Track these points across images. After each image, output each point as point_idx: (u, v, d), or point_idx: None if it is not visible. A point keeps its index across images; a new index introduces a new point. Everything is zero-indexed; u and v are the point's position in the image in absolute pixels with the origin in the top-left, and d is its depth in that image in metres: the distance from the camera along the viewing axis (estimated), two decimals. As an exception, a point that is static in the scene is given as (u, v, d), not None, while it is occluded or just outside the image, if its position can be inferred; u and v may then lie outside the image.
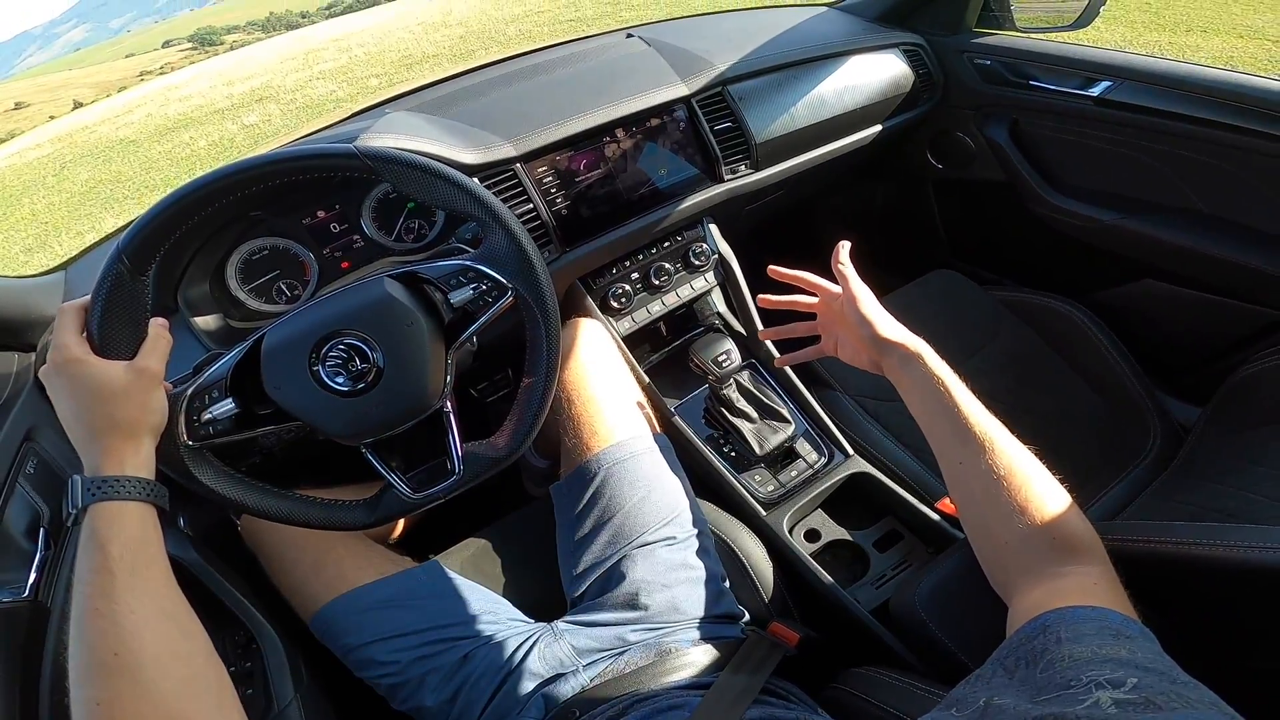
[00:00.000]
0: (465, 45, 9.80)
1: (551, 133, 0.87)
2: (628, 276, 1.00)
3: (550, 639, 0.67)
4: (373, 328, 0.57)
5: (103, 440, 0.48)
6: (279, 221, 0.79)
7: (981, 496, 0.55)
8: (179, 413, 0.54)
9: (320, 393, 0.56)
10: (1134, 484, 0.92)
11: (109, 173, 8.11)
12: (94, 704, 0.41)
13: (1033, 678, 0.37)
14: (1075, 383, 1.07)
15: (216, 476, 0.56)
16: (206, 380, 0.55)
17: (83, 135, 11.93)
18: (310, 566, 0.73)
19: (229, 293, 0.78)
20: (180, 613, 0.47)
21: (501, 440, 0.62)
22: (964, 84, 1.19)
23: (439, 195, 0.58)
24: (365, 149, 0.56)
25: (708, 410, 0.95)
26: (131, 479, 0.48)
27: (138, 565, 0.46)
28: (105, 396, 0.49)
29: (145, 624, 0.44)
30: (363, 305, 0.57)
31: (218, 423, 0.55)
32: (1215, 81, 0.89)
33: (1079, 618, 0.40)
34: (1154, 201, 1.04)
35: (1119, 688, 0.33)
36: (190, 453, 0.55)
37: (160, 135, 9.31)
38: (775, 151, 1.03)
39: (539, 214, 0.86)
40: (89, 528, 0.45)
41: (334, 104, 8.22)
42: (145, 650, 0.43)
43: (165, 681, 0.42)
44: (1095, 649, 0.37)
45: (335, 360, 0.56)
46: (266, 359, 0.56)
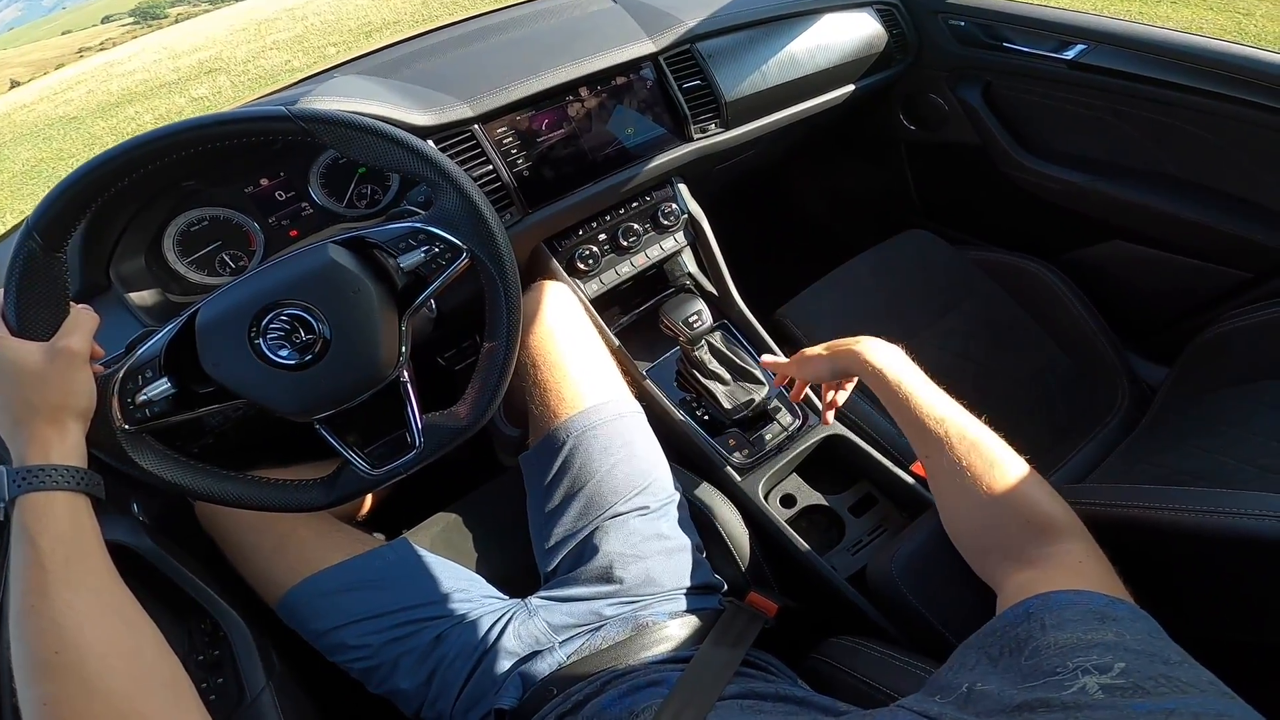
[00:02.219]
0: (428, 9, 9.40)
1: (511, 92, 0.83)
2: (595, 238, 0.97)
3: (525, 616, 0.66)
4: (316, 297, 0.53)
5: (26, 428, 0.46)
6: (218, 191, 0.75)
7: (951, 488, 0.55)
8: (111, 395, 0.50)
9: (263, 368, 0.53)
10: (1102, 444, 0.94)
11: (50, 151, 7.69)
12: (41, 703, 0.40)
13: (1017, 665, 0.37)
14: (1046, 342, 1.08)
15: (158, 461, 0.53)
16: (138, 360, 0.52)
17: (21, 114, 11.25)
18: (271, 550, 0.70)
19: (167, 266, 0.74)
20: (124, 606, 0.45)
21: (463, 410, 0.59)
22: (938, 45, 1.18)
23: (381, 156, 0.55)
24: (298, 110, 0.53)
25: (679, 373, 0.94)
26: (58, 467, 0.45)
27: (72, 558, 0.44)
28: (23, 380, 0.46)
29: (85, 620, 0.42)
30: (304, 273, 0.54)
31: (154, 404, 0.52)
32: (1189, 47, 0.89)
33: (1063, 603, 0.40)
34: (1125, 164, 1.05)
35: (1106, 673, 0.32)
36: (127, 437, 0.52)
37: (104, 111, 8.83)
38: (746, 110, 1.01)
39: (499, 175, 0.82)
40: (18, 522, 0.44)
41: (289, 74, 7.86)
42: (88, 647, 0.41)
43: (113, 679, 0.41)
44: (1081, 635, 0.36)
45: (277, 333, 0.53)
46: (202, 334, 0.52)
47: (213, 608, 0.66)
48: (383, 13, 10.06)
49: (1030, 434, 0.99)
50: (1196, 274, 1.01)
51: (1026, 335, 1.09)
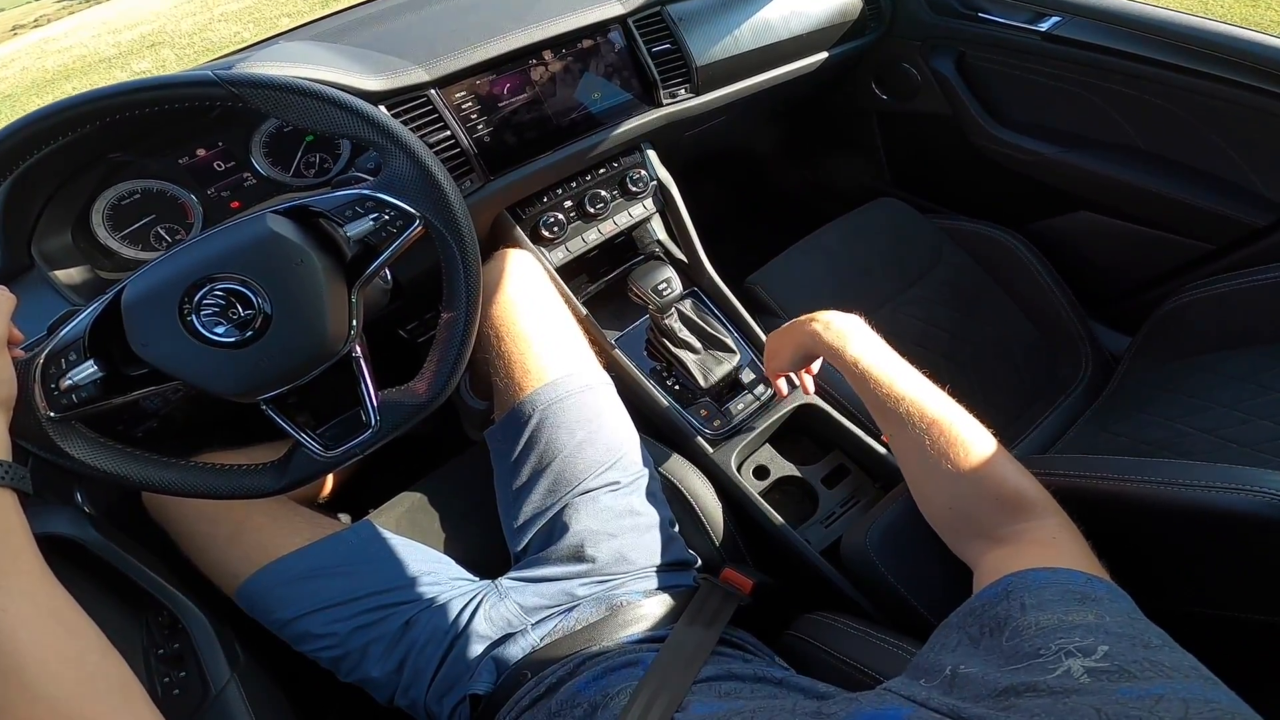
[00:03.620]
0: (388, -17, 9.06)
1: (470, 55, 0.79)
2: (560, 205, 0.94)
3: (496, 598, 0.64)
4: (253, 269, 0.50)
5: None
6: (149, 162, 0.70)
7: (918, 467, 0.54)
8: (33, 380, 0.47)
9: (198, 346, 0.49)
10: (1067, 413, 0.95)
11: (-17, 130, 7.26)
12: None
13: (999, 645, 0.36)
14: (1012, 311, 1.09)
15: (90, 449, 0.50)
16: (61, 342, 0.48)
17: (-52, 91, 10.58)
18: (226, 539, 0.67)
19: (97, 241, 0.69)
20: (61, 609, 0.43)
21: (422, 385, 0.57)
22: (912, 14, 1.16)
23: (321, 120, 0.51)
24: (225, 74, 0.49)
25: (649, 342, 0.92)
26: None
27: (1, 561, 0.41)
28: None
29: (20, 624, 0.39)
30: (239, 245, 0.50)
31: (80, 389, 0.48)
32: (1160, 21, 0.89)
33: (1041, 581, 0.39)
34: (1093, 137, 1.05)
35: (1089, 655, 0.32)
36: (54, 425, 0.48)
37: (38, 88, 8.32)
38: (717, 76, 0.98)
39: (459, 141, 0.79)
40: None
41: (238, 46, 7.52)
42: (27, 654, 0.39)
43: (54, 685, 0.39)
44: (1061, 615, 0.36)
45: (211, 308, 0.50)
46: (128, 313, 0.49)
47: (168, 600, 0.63)
48: (341, -18, 9.66)
49: (997, 401, 1.01)
50: (1159, 245, 1.03)
51: (994, 303, 1.10)
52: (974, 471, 0.51)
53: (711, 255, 1.00)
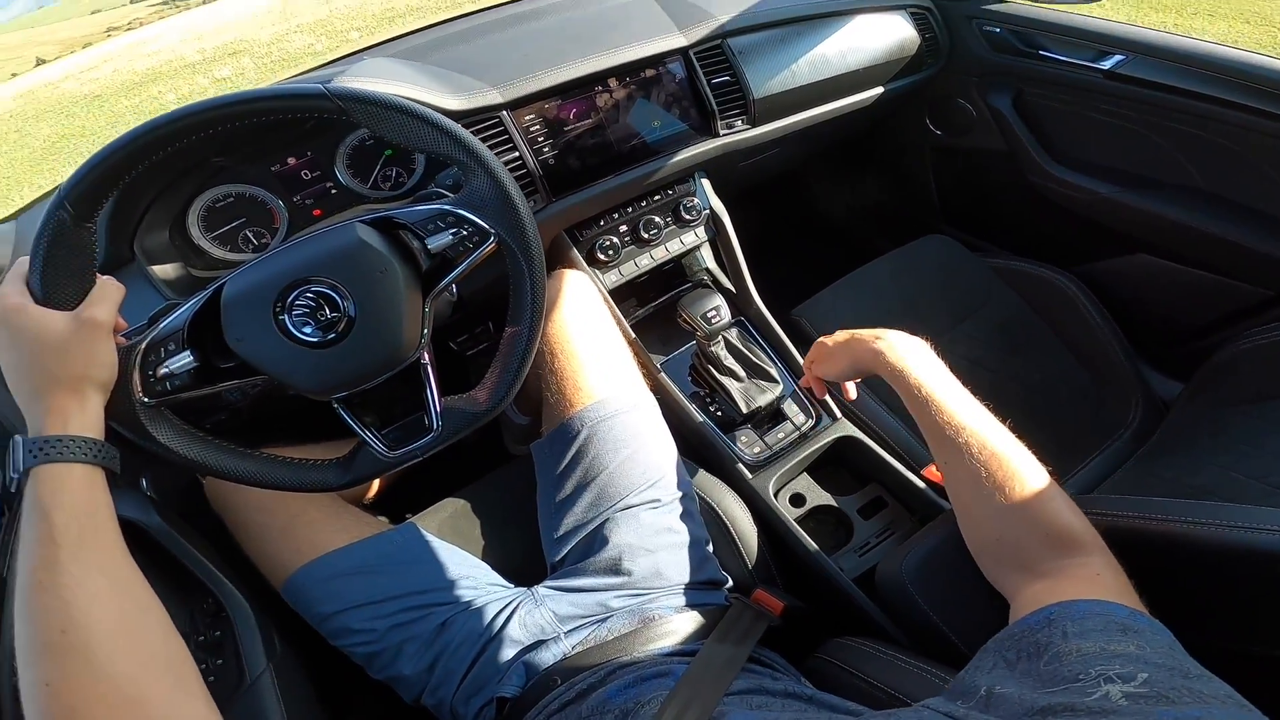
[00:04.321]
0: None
1: (541, 80, 0.83)
2: (616, 229, 0.97)
3: (531, 605, 0.66)
4: (342, 274, 0.53)
5: (46, 397, 0.45)
6: (245, 168, 0.75)
7: (970, 498, 0.54)
8: (132, 367, 0.50)
9: (286, 344, 0.52)
10: (1113, 457, 0.93)
11: (73, 127, 7.77)
12: (43, 685, 0.38)
13: (1036, 669, 0.36)
14: (1061, 353, 1.07)
15: (175, 435, 0.53)
16: (162, 332, 0.51)
17: (46, 91, 11.37)
18: (280, 531, 0.70)
19: (191, 241, 0.74)
20: (134, 586, 0.44)
21: (482, 395, 0.59)
22: (970, 50, 1.16)
23: (415, 137, 0.54)
24: (335, 88, 0.52)
25: (694, 367, 0.93)
26: (76, 439, 0.44)
27: (84, 534, 0.43)
28: (45, 348, 0.45)
29: (94, 599, 0.41)
30: (332, 251, 0.53)
31: (175, 377, 0.51)
32: (1224, 60, 0.88)
33: (1084, 612, 0.39)
34: (1153, 177, 1.03)
35: (1129, 682, 0.32)
36: (146, 410, 0.51)
37: (127, 90, 8.90)
38: (773, 108, 1.00)
39: (525, 163, 0.82)
40: (32, 494, 0.43)
41: (312, 58, 7.90)
42: (96, 627, 0.40)
43: (119, 661, 0.40)
44: (1103, 644, 0.36)
45: (302, 309, 0.53)
46: (227, 308, 0.52)
47: (217, 587, 0.65)
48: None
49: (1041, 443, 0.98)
50: (1217, 290, 1.00)
51: (1043, 345, 1.08)
52: (1027, 506, 0.50)
53: (759, 283, 1.02)
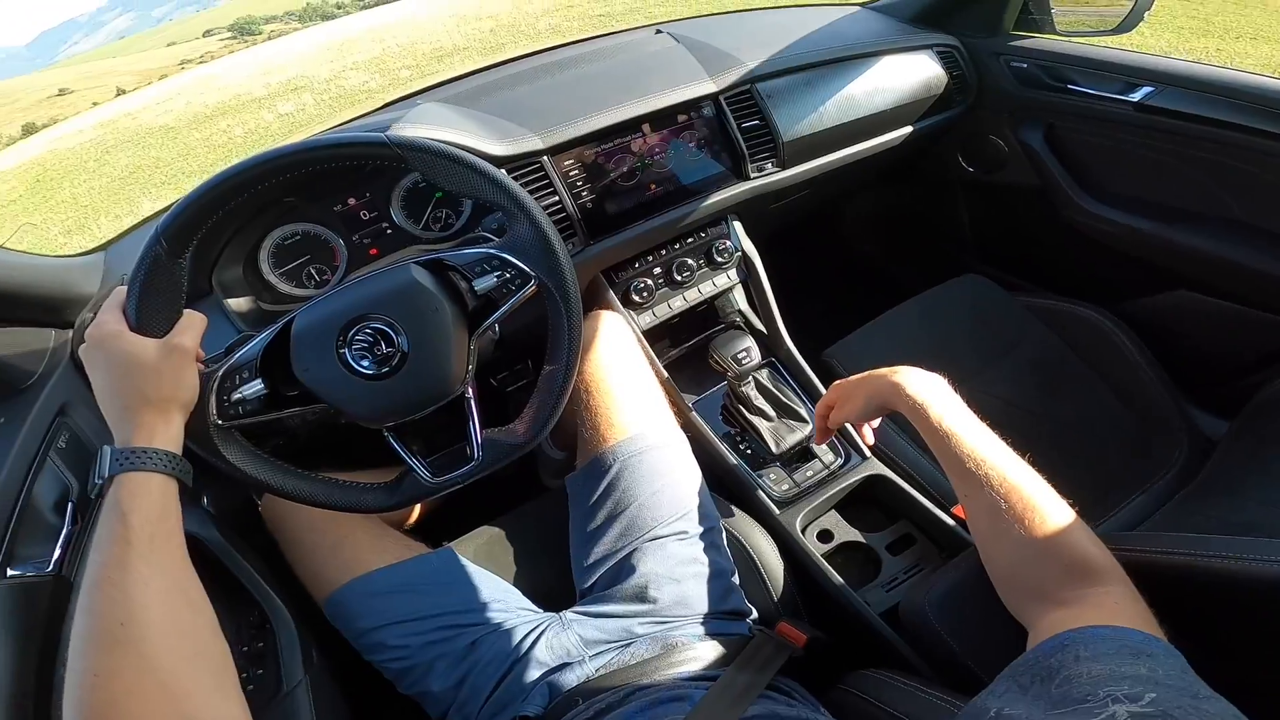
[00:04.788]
0: (496, 39, 9.89)
1: (579, 126, 0.88)
2: (650, 271, 1.00)
3: (558, 629, 0.68)
4: (399, 312, 0.57)
5: (134, 414, 0.50)
6: (311, 208, 0.81)
7: (990, 529, 0.55)
8: (210, 392, 0.54)
9: (346, 375, 0.57)
10: (1156, 496, 0.91)
11: (148, 158, 8.34)
12: (91, 675, 0.40)
13: (1047, 692, 0.37)
14: (1101, 391, 1.05)
15: (244, 456, 0.57)
16: (238, 361, 0.56)
17: (125, 121, 12.26)
18: (328, 549, 0.74)
19: (261, 276, 0.80)
20: (191, 588, 0.47)
21: (521, 428, 0.63)
22: (999, 87, 1.17)
23: (467, 184, 0.59)
24: (396, 138, 0.57)
25: (725, 407, 0.95)
26: (159, 451, 0.49)
27: (156, 537, 0.46)
28: (138, 371, 0.50)
29: (156, 596, 0.44)
30: (390, 290, 0.58)
31: (247, 403, 0.56)
32: (1261, 88, 0.86)
33: (1098, 636, 0.40)
34: (1192, 210, 1.01)
35: (1136, 702, 0.32)
36: (219, 431, 0.56)
37: (199, 123, 9.54)
38: (802, 150, 1.02)
39: (564, 206, 0.87)
40: (113, 497, 0.46)
41: (366, 94, 8.35)
42: (152, 623, 0.42)
43: (168, 656, 0.42)
44: (1114, 666, 0.36)
45: (362, 344, 0.57)
46: (296, 341, 0.57)
47: (265, 601, 0.69)
48: (454, 39, 10.62)
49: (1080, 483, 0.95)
50: (1261, 325, 0.97)
51: (1080, 383, 1.06)
52: (1046, 536, 0.51)
53: (790, 324, 1.03)
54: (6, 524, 0.59)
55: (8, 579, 0.56)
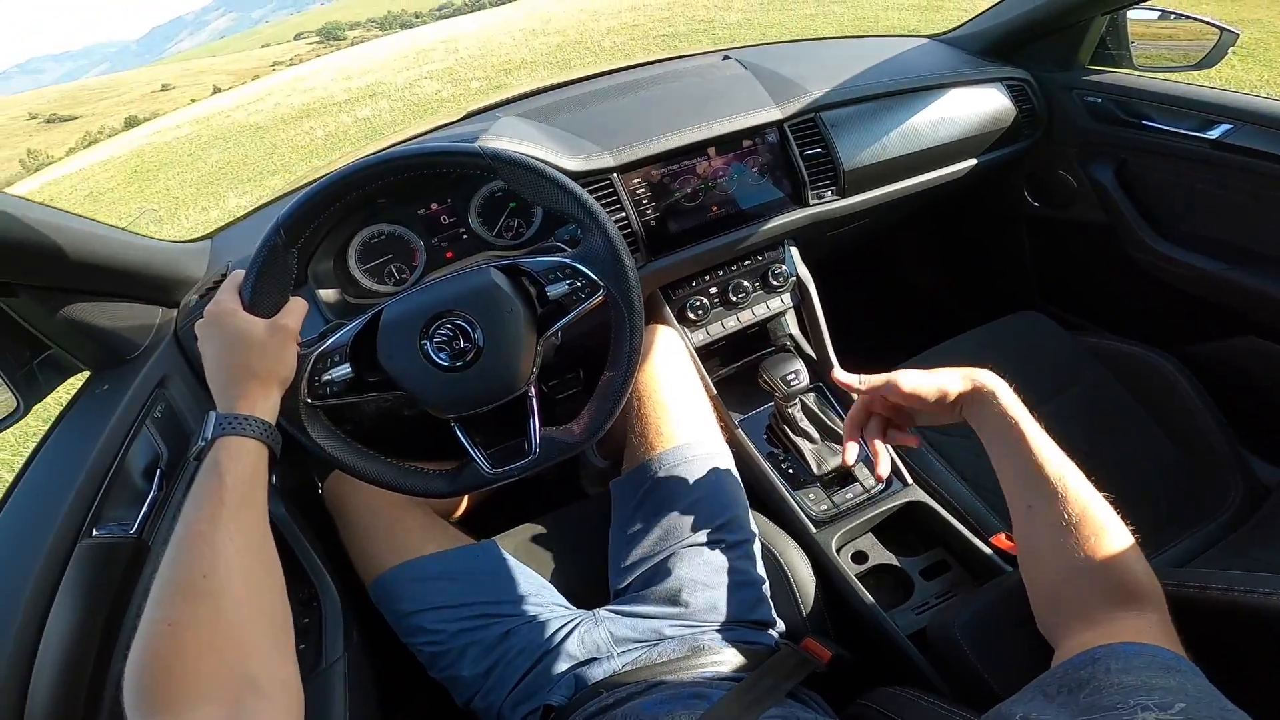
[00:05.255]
0: (562, 54, 10.16)
1: (648, 147, 0.91)
2: (706, 290, 1.02)
3: (590, 625, 0.70)
4: (477, 311, 0.62)
5: (240, 384, 0.54)
6: (398, 210, 0.86)
7: (1048, 544, 0.53)
8: (304, 372, 0.59)
9: (425, 366, 0.61)
10: (1206, 539, 0.87)
11: (236, 155, 8.89)
12: (165, 624, 0.42)
13: (1075, 701, 0.37)
14: (1155, 434, 1.02)
15: (325, 435, 0.62)
16: (331, 345, 0.61)
17: (220, 119, 13.12)
18: (382, 532, 0.78)
19: (348, 270, 0.86)
20: (268, 550, 0.50)
21: (578, 428, 0.66)
22: (1071, 121, 1.15)
23: (547, 196, 0.63)
24: (488, 150, 0.62)
25: (770, 427, 0.97)
26: (258, 420, 0.53)
27: (245, 498, 0.49)
28: (247, 346, 0.55)
29: (239, 553, 0.46)
30: (471, 290, 0.63)
31: (334, 384, 0.61)
32: None
33: (1130, 652, 0.40)
34: (1264, 253, 0.98)
35: (1165, 710, 0.32)
36: (307, 410, 0.61)
37: (285, 124, 10.12)
38: (863, 180, 1.03)
39: (630, 222, 0.90)
40: (212, 458, 0.50)
41: (438, 103, 8.70)
42: (232, 578, 0.45)
43: (240, 610, 0.44)
44: (1145, 679, 0.36)
45: (442, 337, 0.62)
46: (384, 330, 0.62)
47: (317, 578, 0.72)
48: (521, 53, 10.97)
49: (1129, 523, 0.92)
50: None
51: (1135, 425, 1.03)
52: (1104, 557, 0.50)
53: (841, 350, 1.04)
54: (99, 486, 0.63)
55: (93, 539, 0.60)
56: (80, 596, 0.56)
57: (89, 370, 0.77)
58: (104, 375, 0.76)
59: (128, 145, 14.09)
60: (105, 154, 14.01)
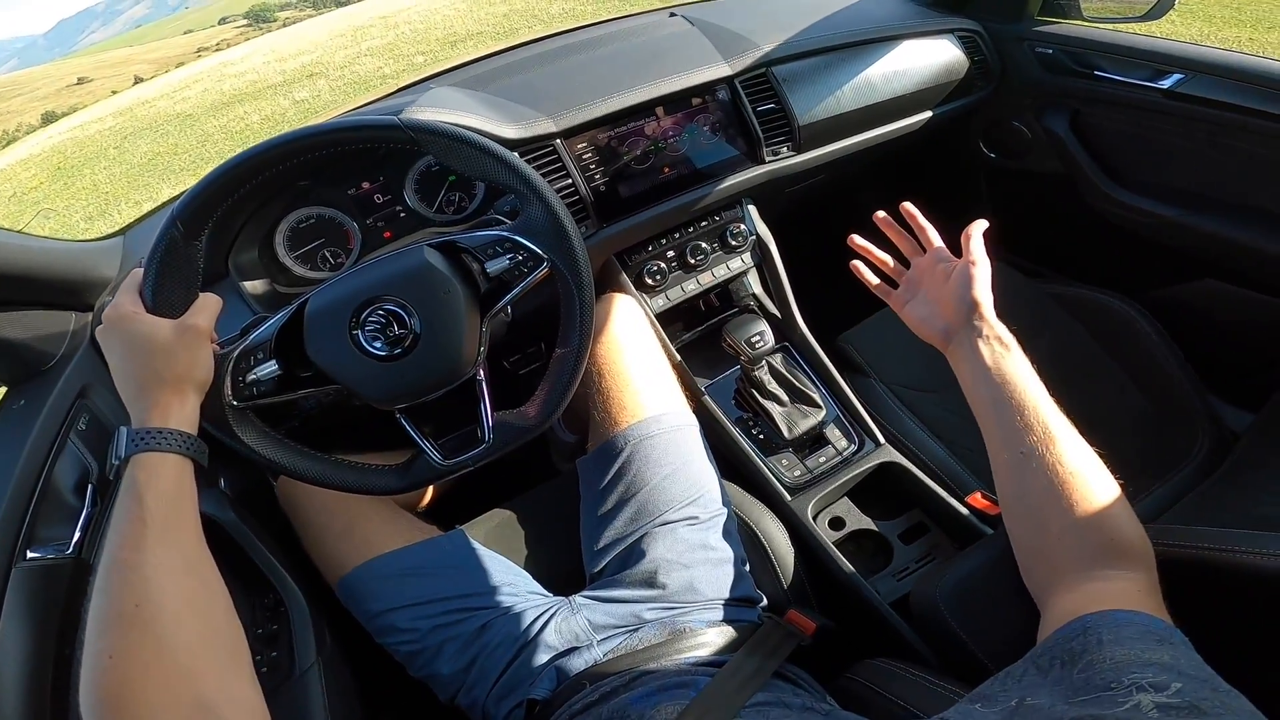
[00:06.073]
0: (509, 23, 9.84)
1: (592, 109, 0.87)
2: (664, 254, 0.99)
3: (567, 613, 0.68)
4: (411, 294, 0.58)
5: (150, 394, 0.50)
6: (326, 191, 0.81)
7: (1040, 489, 0.52)
8: (225, 373, 0.55)
9: (359, 357, 0.57)
10: (1177, 487, 0.89)
11: (166, 145, 8.43)
12: (106, 655, 0.40)
13: (1069, 678, 0.36)
14: (1123, 382, 1.04)
15: (258, 437, 0.58)
16: (252, 342, 0.57)
17: (143, 109, 12.38)
18: (340, 531, 0.75)
19: (276, 259, 0.81)
20: (204, 568, 0.48)
21: (532, 410, 0.63)
22: (1023, 72, 1.15)
23: (479, 167, 0.59)
24: (409, 121, 0.57)
25: (738, 392, 0.95)
26: (174, 432, 0.49)
27: (170, 518, 0.46)
28: (153, 352, 0.50)
29: (170, 577, 0.44)
30: (402, 272, 0.58)
31: (261, 384, 0.57)
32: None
33: (1122, 621, 0.39)
34: (1221, 199, 0.99)
35: (1162, 691, 0.32)
36: (234, 412, 0.56)
37: (216, 110, 9.61)
38: (819, 135, 1.01)
39: (577, 189, 0.86)
40: (129, 478, 0.47)
41: (380, 80, 8.36)
42: (166, 603, 0.43)
43: (181, 635, 0.42)
44: (1138, 652, 0.36)
45: (374, 325, 0.57)
46: (309, 322, 0.57)
47: (280, 584, 0.69)
48: (467, 24, 10.58)
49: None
50: None
51: (1102, 374, 1.04)
52: (1096, 508, 0.49)
53: (804, 308, 1.02)
54: (27, 507, 0.59)
55: (28, 561, 0.56)
56: (24, 622, 0.54)
57: (2, 386, 0.72)
58: (19, 390, 0.71)
59: (48, 141, 13.21)
60: (24, 152, 13.12)
